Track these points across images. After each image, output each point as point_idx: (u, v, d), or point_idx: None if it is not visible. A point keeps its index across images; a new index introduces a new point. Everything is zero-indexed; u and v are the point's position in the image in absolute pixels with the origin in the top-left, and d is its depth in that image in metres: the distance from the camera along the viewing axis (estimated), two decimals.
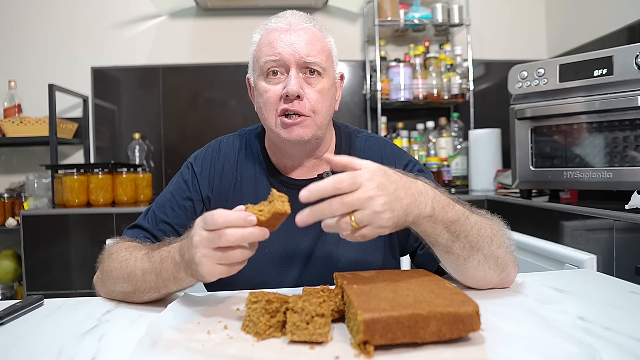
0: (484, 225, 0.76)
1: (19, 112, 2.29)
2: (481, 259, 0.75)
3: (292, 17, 0.91)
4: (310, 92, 0.89)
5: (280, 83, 0.89)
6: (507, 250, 0.79)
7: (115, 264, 0.81)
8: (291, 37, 0.88)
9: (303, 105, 0.88)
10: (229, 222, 0.64)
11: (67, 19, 2.52)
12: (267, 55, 0.88)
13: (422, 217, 0.68)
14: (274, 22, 0.91)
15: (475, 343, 0.58)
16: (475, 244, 0.74)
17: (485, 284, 0.80)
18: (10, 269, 2.21)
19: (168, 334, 0.63)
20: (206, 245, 0.65)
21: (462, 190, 2.30)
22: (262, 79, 0.91)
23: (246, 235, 0.64)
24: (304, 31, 0.89)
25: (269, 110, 0.90)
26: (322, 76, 0.90)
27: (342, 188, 0.60)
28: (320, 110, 0.90)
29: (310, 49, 0.88)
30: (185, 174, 1.00)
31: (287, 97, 0.87)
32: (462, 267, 0.76)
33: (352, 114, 2.62)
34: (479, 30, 2.62)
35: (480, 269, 0.76)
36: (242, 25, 2.58)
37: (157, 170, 2.56)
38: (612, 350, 0.55)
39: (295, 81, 0.86)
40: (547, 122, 1.62)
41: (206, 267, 0.66)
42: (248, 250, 0.67)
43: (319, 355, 0.56)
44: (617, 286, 0.84)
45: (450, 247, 0.73)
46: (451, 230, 0.71)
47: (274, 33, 0.89)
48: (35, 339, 0.66)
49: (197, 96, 2.58)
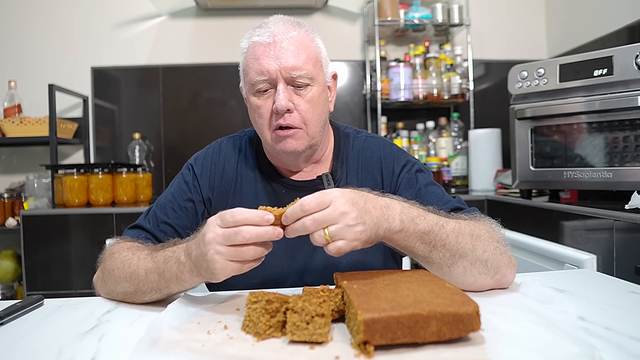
0: (463, 231, 0.76)
1: (19, 112, 2.29)
2: (467, 265, 0.75)
3: (276, 26, 0.90)
4: (300, 102, 0.89)
5: (270, 97, 0.90)
6: (498, 252, 0.78)
7: (118, 263, 0.81)
8: (276, 51, 0.87)
9: (294, 117, 0.89)
10: (248, 219, 0.65)
11: (67, 19, 2.52)
12: (255, 74, 0.88)
13: (393, 231, 0.71)
14: (258, 34, 0.90)
15: (475, 343, 0.58)
16: (456, 252, 0.74)
17: (479, 287, 0.79)
18: (10, 269, 2.21)
19: (168, 334, 0.63)
20: (220, 242, 0.66)
21: (462, 190, 2.30)
22: (252, 94, 0.92)
23: (261, 234, 0.66)
24: (288, 42, 0.88)
25: (263, 125, 0.91)
26: (312, 85, 0.90)
27: (309, 209, 0.65)
28: (312, 120, 0.90)
29: (296, 61, 0.87)
30: (186, 175, 1.00)
31: (278, 112, 0.88)
32: (449, 275, 0.76)
33: (352, 114, 2.62)
34: (479, 30, 2.62)
35: (469, 275, 0.76)
36: (242, 25, 2.57)
37: (157, 170, 2.56)
38: (612, 350, 0.55)
39: (283, 96, 0.87)
40: (547, 122, 1.62)
41: (219, 263, 0.67)
42: (261, 249, 0.68)
43: (319, 355, 0.56)
44: (617, 286, 0.84)
45: (430, 257, 0.75)
46: (426, 241, 0.73)
47: (259, 47, 0.88)
48: (35, 339, 0.66)
49: (197, 96, 2.58)
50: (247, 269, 0.69)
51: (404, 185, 0.96)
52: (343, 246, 0.66)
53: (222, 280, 0.69)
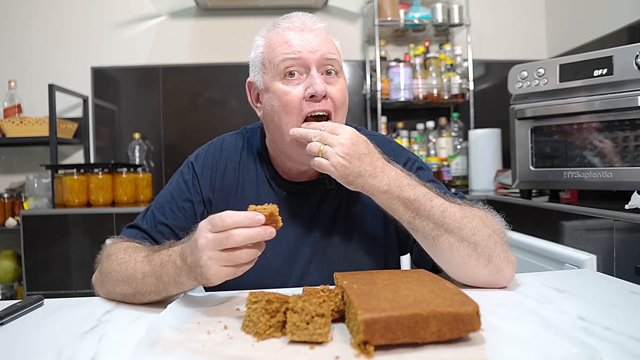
0: (452, 210, 0.79)
1: (19, 112, 2.29)
2: (453, 242, 0.78)
3: (304, 17, 0.90)
4: (333, 90, 0.87)
5: (300, 84, 0.85)
6: (491, 240, 0.78)
7: (115, 265, 0.81)
8: (308, 36, 0.86)
9: (329, 104, 0.86)
10: (238, 222, 0.64)
11: (67, 19, 2.52)
12: (285, 54, 0.85)
13: (377, 189, 0.79)
14: (286, 22, 0.89)
15: (475, 343, 0.57)
16: (442, 225, 0.78)
17: (473, 275, 0.79)
18: (10, 269, 2.21)
19: (168, 334, 0.63)
20: (212, 248, 0.65)
21: (462, 191, 2.28)
22: (277, 80, 0.86)
23: (253, 235, 0.65)
24: (319, 31, 0.88)
25: (290, 113, 0.85)
26: (339, 76, 0.89)
27: (324, 128, 0.80)
28: (341, 110, 0.89)
29: (329, 47, 0.87)
30: (186, 173, 0.97)
31: (313, 97, 0.84)
32: (436, 249, 0.79)
33: (352, 114, 2.62)
34: (479, 30, 2.62)
35: (456, 254, 0.78)
36: (242, 25, 2.58)
37: (157, 170, 2.56)
38: (612, 350, 0.55)
39: (321, 80, 0.84)
40: (547, 122, 1.62)
41: (212, 269, 0.66)
42: (254, 250, 0.67)
43: (319, 355, 0.56)
44: (617, 286, 0.84)
45: (413, 224, 0.80)
46: (410, 208, 0.79)
47: (288, 32, 0.87)
48: (35, 339, 0.66)
49: (197, 96, 2.58)
50: (241, 272, 0.68)
51: None
52: (323, 163, 0.78)
53: (218, 284, 0.69)
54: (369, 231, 0.96)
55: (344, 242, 0.95)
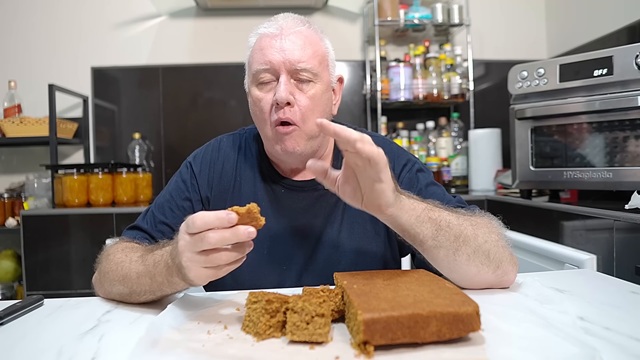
0: (463, 219, 0.78)
1: (19, 112, 2.29)
2: (470, 253, 0.76)
3: (284, 21, 0.89)
4: (301, 98, 0.86)
5: (272, 90, 0.87)
6: (499, 245, 0.78)
7: (112, 265, 0.81)
8: (282, 43, 0.86)
9: (294, 112, 0.86)
10: (208, 223, 0.62)
11: (67, 19, 2.52)
12: (258, 64, 0.87)
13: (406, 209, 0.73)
14: (265, 27, 0.90)
15: (475, 343, 0.57)
16: (460, 235, 0.75)
17: (481, 281, 0.79)
18: (10, 269, 2.21)
19: (168, 334, 0.63)
20: (190, 250, 0.64)
21: (462, 190, 2.30)
22: (254, 86, 0.89)
23: (227, 237, 0.63)
24: (295, 35, 0.87)
25: (264, 120, 0.88)
26: (315, 82, 0.88)
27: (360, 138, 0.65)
28: (311, 118, 0.87)
29: (301, 54, 0.86)
30: (184, 173, 0.99)
31: (278, 104, 0.85)
32: (454, 264, 0.76)
33: (352, 114, 2.62)
34: (479, 30, 2.62)
35: (472, 264, 0.76)
36: (242, 25, 2.57)
37: (157, 170, 2.56)
38: (612, 350, 0.55)
39: (284, 87, 0.84)
40: (547, 122, 1.62)
41: (193, 271, 0.65)
42: (234, 253, 0.65)
43: (319, 355, 0.56)
44: (617, 286, 0.84)
45: (437, 238, 0.75)
46: (432, 219, 0.74)
47: (265, 39, 0.88)
48: (35, 339, 0.66)
49: (197, 96, 2.58)
50: (223, 273, 0.67)
51: (404, 184, 0.96)
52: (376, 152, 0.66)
53: (204, 285, 0.68)
54: (369, 230, 0.96)
55: (343, 241, 0.95)
